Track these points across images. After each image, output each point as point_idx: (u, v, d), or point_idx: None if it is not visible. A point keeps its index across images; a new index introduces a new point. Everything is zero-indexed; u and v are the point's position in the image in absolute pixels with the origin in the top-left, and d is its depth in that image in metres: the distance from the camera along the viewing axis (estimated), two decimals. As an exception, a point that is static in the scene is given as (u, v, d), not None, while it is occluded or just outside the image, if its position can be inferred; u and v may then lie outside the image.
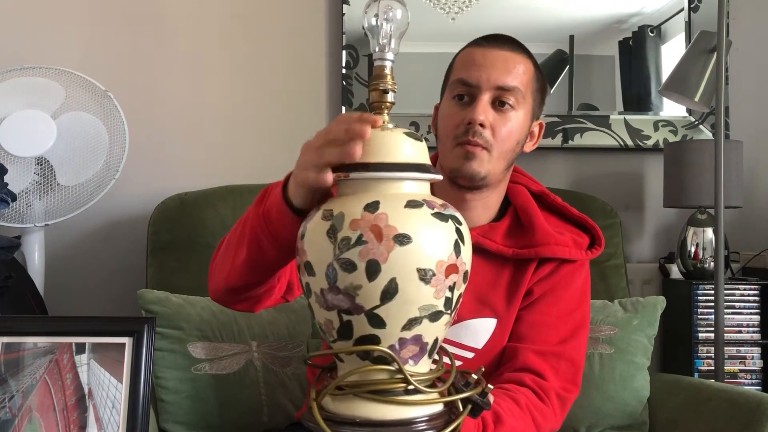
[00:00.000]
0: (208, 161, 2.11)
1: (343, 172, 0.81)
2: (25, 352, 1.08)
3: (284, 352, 1.64)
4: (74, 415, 1.06)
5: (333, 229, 0.77)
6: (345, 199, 0.81)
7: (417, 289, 0.76)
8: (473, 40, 1.21)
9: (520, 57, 1.17)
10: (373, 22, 0.84)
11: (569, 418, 1.59)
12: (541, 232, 1.20)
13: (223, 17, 2.15)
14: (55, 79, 1.83)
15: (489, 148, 1.14)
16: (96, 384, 1.08)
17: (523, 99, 1.16)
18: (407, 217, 0.77)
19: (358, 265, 0.75)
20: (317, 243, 0.79)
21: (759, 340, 1.99)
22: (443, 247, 0.78)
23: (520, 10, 2.19)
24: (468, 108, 1.14)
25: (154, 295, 1.62)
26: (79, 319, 1.16)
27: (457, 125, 1.15)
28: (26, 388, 1.06)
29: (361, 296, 0.76)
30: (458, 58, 1.21)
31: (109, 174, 1.82)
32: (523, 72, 1.16)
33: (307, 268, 0.80)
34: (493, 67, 1.14)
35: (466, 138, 1.13)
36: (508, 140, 1.15)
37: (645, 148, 2.21)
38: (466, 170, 1.14)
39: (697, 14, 2.21)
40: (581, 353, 1.21)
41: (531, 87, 1.18)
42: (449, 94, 1.18)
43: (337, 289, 0.77)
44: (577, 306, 1.22)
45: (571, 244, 1.21)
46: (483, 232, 1.20)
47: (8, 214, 1.77)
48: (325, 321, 0.80)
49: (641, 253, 2.25)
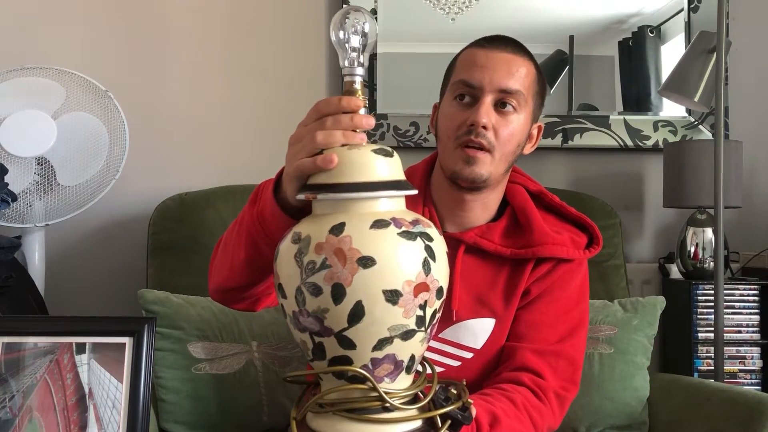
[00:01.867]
0: (208, 161, 2.12)
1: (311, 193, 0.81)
2: (25, 352, 1.08)
3: (284, 351, 1.64)
4: (74, 415, 1.06)
5: (300, 253, 0.78)
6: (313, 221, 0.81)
7: (384, 310, 0.76)
8: (475, 41, 1.21)
9: (523, 59, 1.17)
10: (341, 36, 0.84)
11: (569, 417, 1.60)
12: (538, 231, 1.20)
13: (223, 17, 2.15)
14: (56, 79, 1.83)
15: (491, 150, 1.14)
16: (96, 384, 1.08)
17: (524, 102, 1.16)
18: (372, 239, 0.76)
19: (323, 289, 0.76)
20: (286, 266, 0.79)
21: (759, 340, 1.99)
22: (411, 267, 0.77)
23: (520, 10, 2.19)
24: (470, 109, 1.14)
25: (154, 295, 1.62)
26: (79, 319, 1.16)
27: (458, 126, 1.15)
28: (26, 388, 1.06)
29: (329, 319, 0.77)
30: (460, 58, 1.21)
31: (109, 174, 1.82)
32: (525, 75, 1.16)
33: (279, 290, 0.81)
34: (496, 69, 1.14)
35: (468, 138, 1.13)
36: (509, 142, 1.16)
37: (645, 149, 2.21)
38: (467, 173, 1.15)
39: (696, 14, 2.21)
40: (580, 352, 1.22)
41: (532, 90, 1.18)
42: (450, 94, 1.18)
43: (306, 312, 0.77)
44: (575, 305, 1.22)
45: (569, 244, 1.21)
46: (481, 232, 1.21)
47: (8, 214, 1.77)
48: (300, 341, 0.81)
49: (641, 253, 2.25)
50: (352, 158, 0.81)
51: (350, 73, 0.84)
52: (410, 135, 2.15)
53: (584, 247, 1.24)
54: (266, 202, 0.92)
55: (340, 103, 0.82)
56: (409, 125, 2.15)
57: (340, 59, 0.85)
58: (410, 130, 2.15)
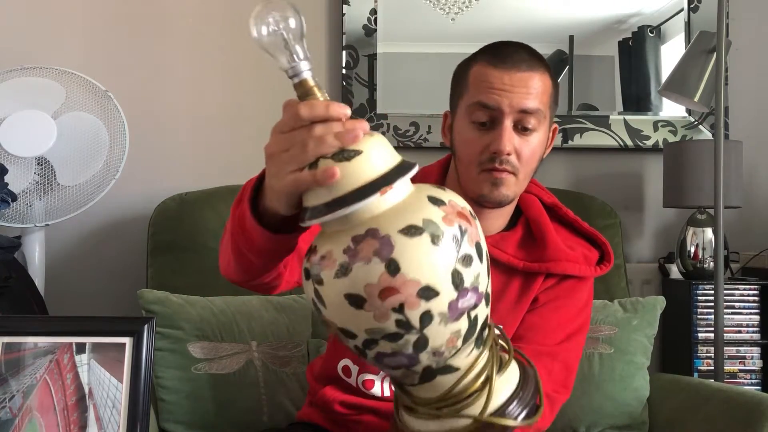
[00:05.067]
0: (208, 161, 2.11)
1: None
2: (25, 352, 1.08)
3: (284, 351, 1.64)
4: (74, 415, 1.06)
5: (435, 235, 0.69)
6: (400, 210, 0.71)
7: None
8: (486, 54, 1.15)
9: (539, 73, 1.14)
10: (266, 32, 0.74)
11: (569, 417, 1.60)
12: (552, 247, 1.19)
13: (223, 17, 2.14)
14: (56, 79, 1.83)
15: (516, 173, 1.14)
16: (96, 384, 1.08)
17: (543, 118, 1.15)
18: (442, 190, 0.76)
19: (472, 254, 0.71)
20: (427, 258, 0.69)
21: (759, 340, 1.99)
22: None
23: (520, 10, 2.19)
24: (490, 133, 1.12)
25: (154, 295, 1.62)
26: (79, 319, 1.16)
27: (480, 152, 1.13)
28: (26, 388, 1.06)
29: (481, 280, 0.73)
30: (473, 75, 1.15)
31: (109, 174, 1.82)
32: (543, 90, 1.14)
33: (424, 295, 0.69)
34: (514, 91, 1.11)
35: (492, 165, 1.12)
36: (532, 161, 1.15)
37: (645, 149, 2.21)
38: (495, 197, 1.14)
39: (696, 14, 2.21)
40: (575, 358, 1.21)
41: (550, 101, 1.16)
42: (467, 116, 1.15)
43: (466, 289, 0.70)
44: (577, 313, 1.22)
45: (581, 261, 1.21)
46: (494, 242, 1.20)
47: (8, 214, 1.77)
48: (450, 336, 0.72)
49: (641, 253, 2.25)
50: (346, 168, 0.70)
51: (295, 70, 0.75)
52: (410, 135, 2.15)
53: (596, 263, 1.24)
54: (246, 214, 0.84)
55: (328, 111, 0.72)
56: (409, 125, 2.15)
57: (278, 62, 0.74)
58: (410, 130, 2.15)
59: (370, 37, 2.15)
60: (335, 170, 0.69)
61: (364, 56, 2.15)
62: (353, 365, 1.21)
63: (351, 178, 0.70)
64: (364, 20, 2.15)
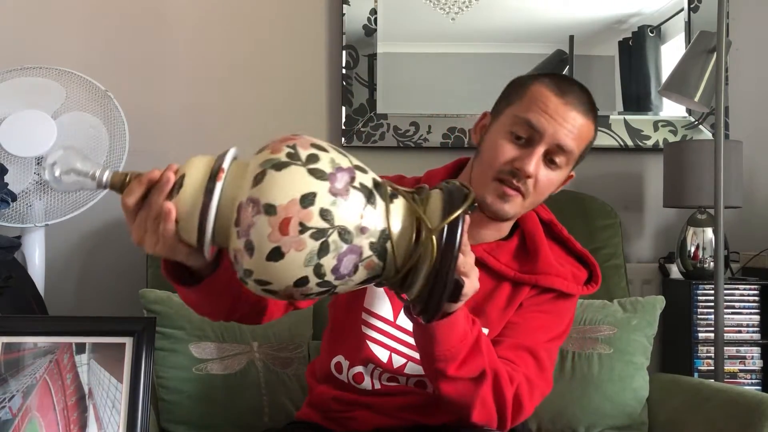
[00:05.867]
0: (208, 161, 2.11)
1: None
2: (25, 352, 1.08)
3: (285, 352, 1.64)
4: (74, 415, 1.06)
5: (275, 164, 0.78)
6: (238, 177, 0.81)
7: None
8: (553, 81, 1.17)
9: (589, 124, 1.17)
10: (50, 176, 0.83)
11: (568, 418, 1.60)
12: (543, 260, 1.22)
13: (223, 17, 2.15)
14: (55, 79, 1.83)
15: (525, 196, 1.16)
16: (96, 384, 1.08)
17: (570, 161, 1.18)
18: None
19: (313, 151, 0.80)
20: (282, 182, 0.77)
21: (759, 340, 1.99)
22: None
23: (520, 10, 2.19)
24: (521, 150, 1.15)
25: (155, 295, 1.62)
26: (79, 319, 1.17)
27: (504, 162, 1.15)
28: (26, 388, 1.06)
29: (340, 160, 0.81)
30: (531, 91, 1.17)
31: (109, 174, 1.82)
32: (584, 137, 1.17)
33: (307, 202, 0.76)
34: (563, 124, 1.14)
35: (508, 178, 1.15)
36: (544, 193, 1.18)
37: (645, 148, 2.21)
38: (496, 208, 1.16)
39: (696, 14, 2.21)
40: (551, 359, 1.24)
41: (584, 150, 1.19)
42: (507, 125, 1.17)
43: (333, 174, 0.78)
44: (557, 323, 1.25)
45: (570, 278, 1.24)
46: (489, 249, 1.23)
47: (8, 214, 1.77)
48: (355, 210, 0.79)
49: (641, 253, 2.25)
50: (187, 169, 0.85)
51: (100, 183, 0.85)
52: (410, 135, 2.15)
53: (583, 282, 1.27)
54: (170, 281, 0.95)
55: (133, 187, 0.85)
56: (409, 125, 2.14)
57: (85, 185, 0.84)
58: (410, 130, 2.15)
59: (370, 37, 2.15)
60: (169, 207, 0.80)
61: (364, 56, 2.15)
62: (344, 360, 1.23)
63: (195, 197, 0.80)
64: (364, 20, 2.14)
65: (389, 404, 1.21)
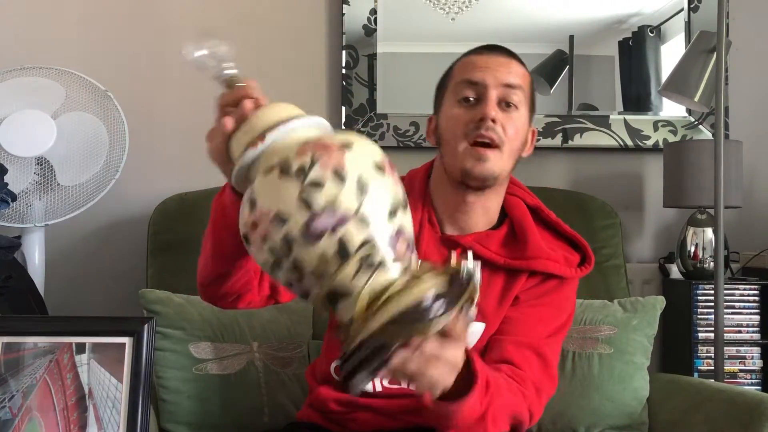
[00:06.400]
0: (208, 161, 2.10)
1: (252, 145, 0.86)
2: (25, 352, 1.08)
3: (285, 352, 1.64)
4: (74, 414, 1.06)
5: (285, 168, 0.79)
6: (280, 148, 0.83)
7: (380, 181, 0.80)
8: (469, 51, 1.26)
9: (518, 64, 1.23)
10: (197, 55, 0.96)
11: (568, 418, 1.60)
12: (533, 245, 1.23)
13: (223, 17, 2.15)
14: (55, 79, 1.83)
15: (500, 145, 1.17)
16: (96, 384, 1.08)
17: (525, 99, 1.21)
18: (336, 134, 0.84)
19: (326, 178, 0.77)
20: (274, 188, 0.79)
21: (759, 340, 1.99)
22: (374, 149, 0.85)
23: (520, 10, 2.19)
24: (476, 108, 1.18)
25: (155, 295, 1.62)
26: (79, 319, 1.17)
27: (466, 124, 1.18)
28: (26, 388, 1.06)
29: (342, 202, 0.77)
30: (457, 66, 1.25)
31: (109, 174, 1.82)
32: (522, 75, 1.22)
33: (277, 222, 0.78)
34: (497, 68, 1.19)
35: (478, 133, 1.16)
36: (516, 138, 1.19)
37: (645, 148, 2.21)
38: (479, 171, 1.17)
39: (696, 14, 2.21)
40: (555, 354, 1.24)
41: (528, 91, 1.23)
42: (453, 97, 1.21)
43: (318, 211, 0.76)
44: (557, 314, 1.24)
45: (562, 261, 1.24)
46: (479, 238, 1.23)
47: (8, 214, 1.77)
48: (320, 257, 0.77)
49: (641, 253, 2.25)
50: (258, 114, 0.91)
51: (219, 74, 0.97)
52: (410, 135, 2.15)
53: (576, 265, 1.27)
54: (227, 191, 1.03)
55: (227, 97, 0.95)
56: (409, 125, 2.14)
57: (209, 72, 0.95)
58: (410, 130, 2.15)
59: (370, 37, 2.15)
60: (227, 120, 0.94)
61: (364, 56, 2.15)
62: None
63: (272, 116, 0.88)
64: (364, 20, 2.14)
65: (390, 406, 1.20)
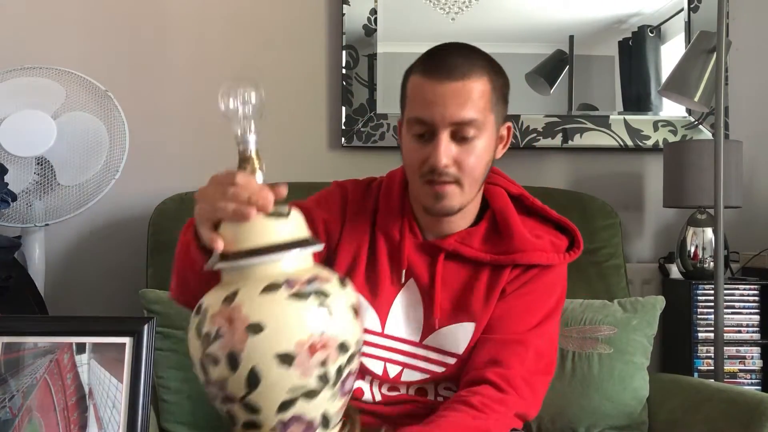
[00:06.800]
0: (208, 161, 2.11)
1: (210, 264, 0.84)
2: (25, 352, 1.08)
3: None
4: (74, 414, 1.06)
5: (200, 324, 0.80)
6: (214, 291, 0.83)
7: (279, 373, 0.77)
8: (421, 65, 1.16)
9: (472, 80, 1.11)
10: (231, 105, 0.86)
11: (568, 418, 1.60)
12: (518, 237, 1.20)
13: (223, 17, 2.15)
14: (55, 79, 1.83)
15: (459, 182, 1.14)
16: (96, 384, 1.08)
17: (483, 124, 1.13)
18: (261, 304, 0.78)
19: (220, 358, 0.77)
20: (191, 339, 0.82)
21: (759, 340, 1.99)
22: (301, 328, 0.78)
23: (520, 10, 2.19)
24: (429, 145, 1.12)
25: (156, 295, 1.62)
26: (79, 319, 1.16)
27: (421, 164, 1.14)
28: (26, 388, 1.06)
29: (230, 387, 0.78)
30: (410, 87, 1.16)
31: (109, 174, 1.82)
32: (479, 96, 1.12)
33: (191, 361, 0.83)
34: (447, 104, 1.10)
35: (431, 178, 1.13)
36: (476, 168, 1.14)
37: (645, 148, 2.21)
38: (438, 209, 1.15)
39: (696, 14, 2.21)
40: (548, 343, 1.21)
41: (491, 104, 1.14)
42: (408, 129, 1.16)
43: (210, 382, 0.80)
44: (545, 300, 1.22)
45: (548, 249, 1.21)
46: (461, 238, 1.21)
47: (8, 214, 1.77)
48: (218, 409, 0.83)
49: (641, 253, 2.25)
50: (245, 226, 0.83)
51: (243, 141, 0.87)
52: (410, 135, 2.14)
53: (565, 249, 1.24)
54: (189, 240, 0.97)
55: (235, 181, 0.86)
56: (409, 125, 2.14)
57: (232, 128, 0.86)
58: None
59: (370, 37, 2.15)
60: (219, 243, 0.84)
61: (364, 56, 2.15)
62: None
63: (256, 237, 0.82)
64: (364, 20, 2.14)
65: (392, 413, 1.20)
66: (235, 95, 0.86)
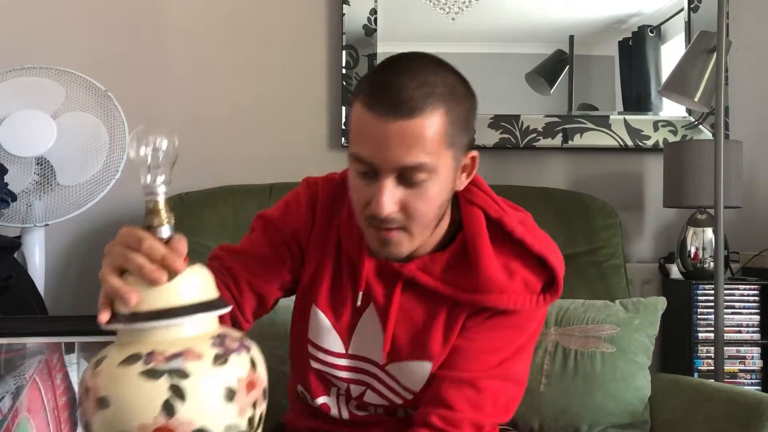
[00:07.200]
0: (208, 161, 2.11)
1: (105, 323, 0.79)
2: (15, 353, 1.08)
3: (281, 351, 1.63)
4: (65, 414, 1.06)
5: (80, 384, 0.76)
6: (109, 348, 0.78)
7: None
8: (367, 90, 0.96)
9: (424, 116, 0.92)
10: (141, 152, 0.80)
11: (570, 416, 1.60)
12: (485, 276, 1.04)
13: (223, 17, 2.15)
14: (55, 79, 1.83)
15: (406, 229, 0.98)
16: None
17: (436, 166, 0.95)
18: (113, 377, 0.72)
19: (80, 425, 0.74)
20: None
21: (759, 340, 1.98)
22: (146, 410, 0.70)
23: (520, 10, 2.19)
24: (373, 185, 0.96)
25: (153, 295, 1.61)
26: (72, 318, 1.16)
27: (364, 205, 0.98)
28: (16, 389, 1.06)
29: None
30: (353, 116, 0.97)
31: (109, 174, 1.82)
32: (431, 137, 0.93)
33: None
34: (390, 146, 0.92)
35: (375, 224, 0.98)
36: (427, 212, 0.98)
37: (645, 148, 2.21)
38: (385, 254, 1.01)
39: (696, 14, 2.21)
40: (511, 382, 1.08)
41: (446, 141, 0.95)
42: (351, 163, 0.99)
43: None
44: (513, 337, 1.08)
45: (520, 290, 1.05)
46: (422, 264, 1.06)
47: (8, 214, 1.77)
48: None
49: (641, 253, 2.24)
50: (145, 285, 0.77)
51: (151, 191, 0.80)
52: (410, 135, 2.14)
53: (540, 289, 1.07)
54: None
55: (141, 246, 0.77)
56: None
57: (141, 177, 0.80)
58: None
59: (370, 37, 2.15)
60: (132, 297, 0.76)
61: (364, 56, 2.15)
62: (305, 391, 1.17)
63: (154, 299, 0.76)
64: (364, 20, 2.14)
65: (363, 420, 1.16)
66: (146, 142, 0.80)
